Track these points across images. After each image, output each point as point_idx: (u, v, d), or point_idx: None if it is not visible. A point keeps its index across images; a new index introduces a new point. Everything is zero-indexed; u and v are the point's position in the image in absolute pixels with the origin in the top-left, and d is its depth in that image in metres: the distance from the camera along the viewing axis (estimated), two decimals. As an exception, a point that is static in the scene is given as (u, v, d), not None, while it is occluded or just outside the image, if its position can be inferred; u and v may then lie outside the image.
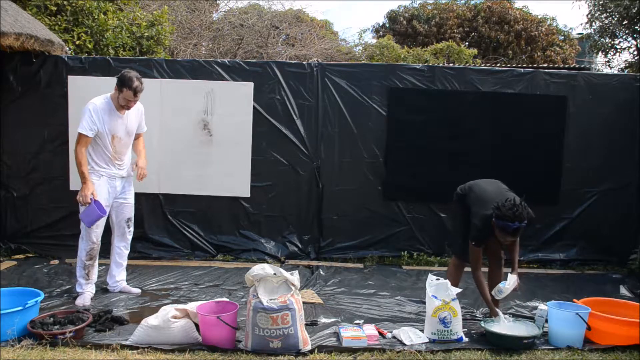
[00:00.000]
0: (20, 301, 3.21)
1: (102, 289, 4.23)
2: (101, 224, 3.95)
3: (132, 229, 4.19)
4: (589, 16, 10.26)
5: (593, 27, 10.40)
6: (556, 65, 13.98)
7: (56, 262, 4.95)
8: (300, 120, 5.24)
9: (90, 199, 3.74)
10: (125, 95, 3.73)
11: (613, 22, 9.82)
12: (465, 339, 3.29)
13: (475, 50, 13.48)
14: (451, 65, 10.48)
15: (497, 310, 3.50)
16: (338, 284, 4.58)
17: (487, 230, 3.46)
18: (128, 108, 3.84)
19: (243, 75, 5.16)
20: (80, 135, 3.78)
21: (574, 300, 3.52)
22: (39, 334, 3.06)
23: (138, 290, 4.17)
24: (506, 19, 16.25)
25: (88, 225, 3.83)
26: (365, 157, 5.29)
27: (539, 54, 16.06)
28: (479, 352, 3.13)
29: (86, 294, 3.93)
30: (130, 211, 4.13)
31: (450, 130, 5.25)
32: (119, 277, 4.17)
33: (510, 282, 3.51)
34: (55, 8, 6.36)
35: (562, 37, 16.98)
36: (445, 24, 16.50)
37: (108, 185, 3.93)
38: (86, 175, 3.77)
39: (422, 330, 3.36)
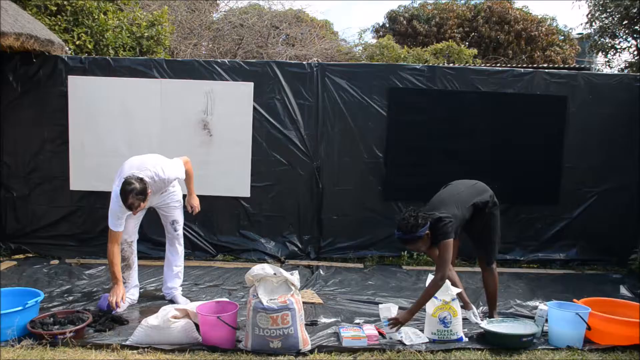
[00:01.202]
0: (20, 301, 3.21)
1: (104, 289, 4.23)
2: (129, 226, 3.80)
3: (179, 233, 3.98)
4: (589, 16, 10.26)
5: (593, 27, 10.40)
6: (556, 65, 13.97)
7: (56, 262, 4.95)
8: (301, 120, 5.24)
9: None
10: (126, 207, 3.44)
11: (613, 22, 9.82)
12: (465, 339, 3.30)
13: (475, 50, 13.47)
14: (451, 65, 10.48)
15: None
16: (338, 284, 4.58)
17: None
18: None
19: (243, 75, 5.16)
20: (110, 231, 3.63)
21: (574, 300, 3.52)
22: (39, 334, 3.06)
23: (186, 300, 3.92)
24: (506, 19, 16.23)
25: (99, 305, 3.68)
26: (365, 157, 5.29)
27: (539, 54, 16.04)
28: (479, 352, 3.14)
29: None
30: (174, 213, 3.93)
31: (451, 131, 5.25)
32: (169, 283, 4.00)
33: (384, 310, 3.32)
34: (55, 8, 6.36)
35: (562, 37, 16.96)
36: (445, 24, 16.48)
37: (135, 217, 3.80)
38: (117, 275, 3.58)
39: (422, 330, 3.36)
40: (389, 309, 3.25)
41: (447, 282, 3.41)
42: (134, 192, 3.34)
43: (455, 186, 3.69)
